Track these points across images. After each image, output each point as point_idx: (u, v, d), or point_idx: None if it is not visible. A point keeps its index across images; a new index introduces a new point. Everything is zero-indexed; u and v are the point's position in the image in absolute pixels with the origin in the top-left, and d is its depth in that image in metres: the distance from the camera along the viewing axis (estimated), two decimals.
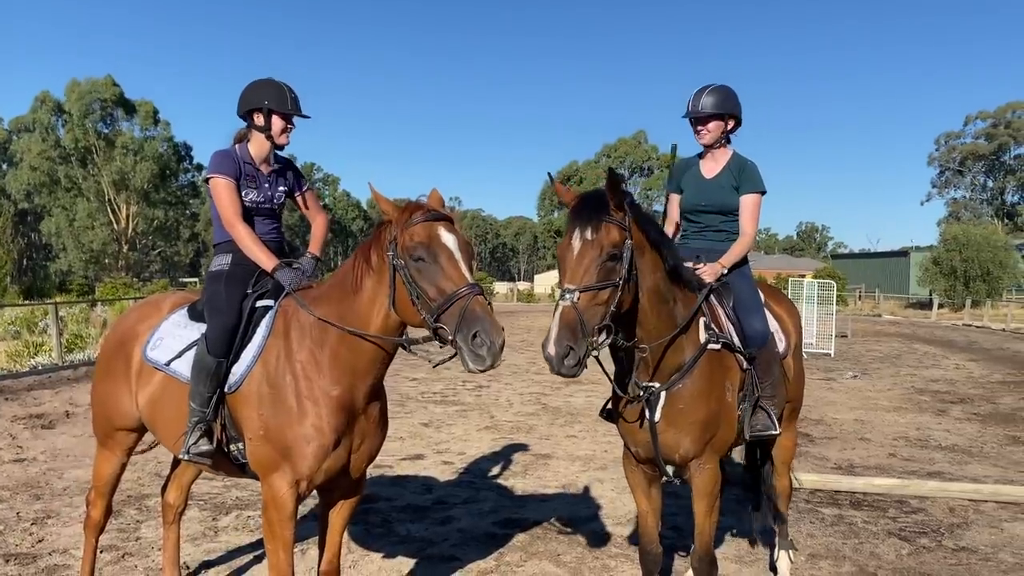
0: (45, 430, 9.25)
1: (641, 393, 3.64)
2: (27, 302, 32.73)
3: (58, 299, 34.35)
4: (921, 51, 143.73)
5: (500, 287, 65.65)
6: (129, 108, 59.62)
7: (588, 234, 3.17)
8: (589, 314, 3.09)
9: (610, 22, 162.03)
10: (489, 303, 3.03)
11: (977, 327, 33.31)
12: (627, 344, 3.53)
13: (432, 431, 9.43)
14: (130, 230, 60.40)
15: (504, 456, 8.12)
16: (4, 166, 64.38)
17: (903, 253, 64.50)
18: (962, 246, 46.24)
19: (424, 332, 3.17)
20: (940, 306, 43.59)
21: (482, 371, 2.94)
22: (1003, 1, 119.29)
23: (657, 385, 3.63)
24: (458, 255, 3.08)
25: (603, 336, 3.17)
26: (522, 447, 8.52)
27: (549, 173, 3.50)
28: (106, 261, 59.83)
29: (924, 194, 79.21)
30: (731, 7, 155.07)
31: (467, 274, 3.05)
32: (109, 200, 59.14)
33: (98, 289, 47.23)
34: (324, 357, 3.35)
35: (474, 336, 2.90)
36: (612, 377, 3.80)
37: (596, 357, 3.41)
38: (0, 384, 12.86)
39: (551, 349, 3.00)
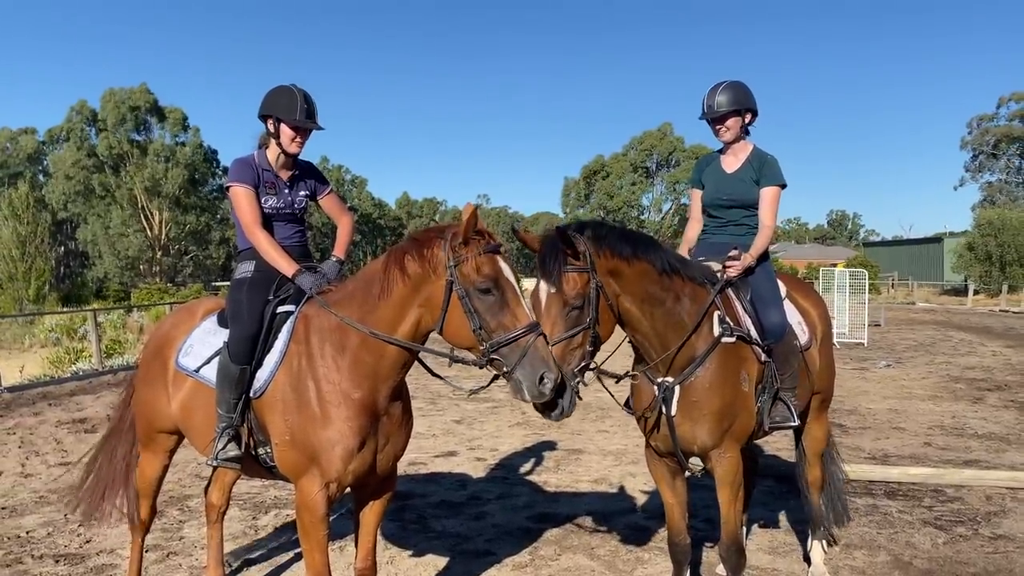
0: (88, 434, 9.49)
1: (656, 389, 3.72)
2: (66, 309, 33.45)
3: (96, 305, 35.06)
4: (952, 34, 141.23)
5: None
6: (161, 115, 60.61)
7: (551, 287, 3.37)
8: (568, 360, 3.31)
9: (635, 14, 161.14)
10: (546, 340, 3.19)
11: (1014, 312, 32.72)
12: (638, 371, 3.83)
13: (464, 428, 9.52)
14: (163, 236, 61.38)
15: (536, 452, 8.19)
16: (41, 176, 65.69)
17: (937, 239, 63.41)
18: (998, 230, 45.34)
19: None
20: (975, 292, 42.86)
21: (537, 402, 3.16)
22: None
23: (671, 380, 3.71)
24: (519, 290, 3.20)
25: (586, 370, 3.41)
26: (554, 443, 8.58)
27: (513, 226, 3.68)
28: (141, 267, 60.86)
29: (957, 179, 77.33)
30: None
31: (530, 313, 3.18)
32: (142, 207, 60.13)
33: (133, 295, 48.07)
34: (345, 361, 3.41)
35: (541, 379, 3.05)
36: (618, 396, 4.07)
37: (596, 375, 3.62)
38: (44, 390, 13.21)
39: (537, 404, 3.20)
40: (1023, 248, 44.54)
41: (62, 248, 65.76)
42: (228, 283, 3.98)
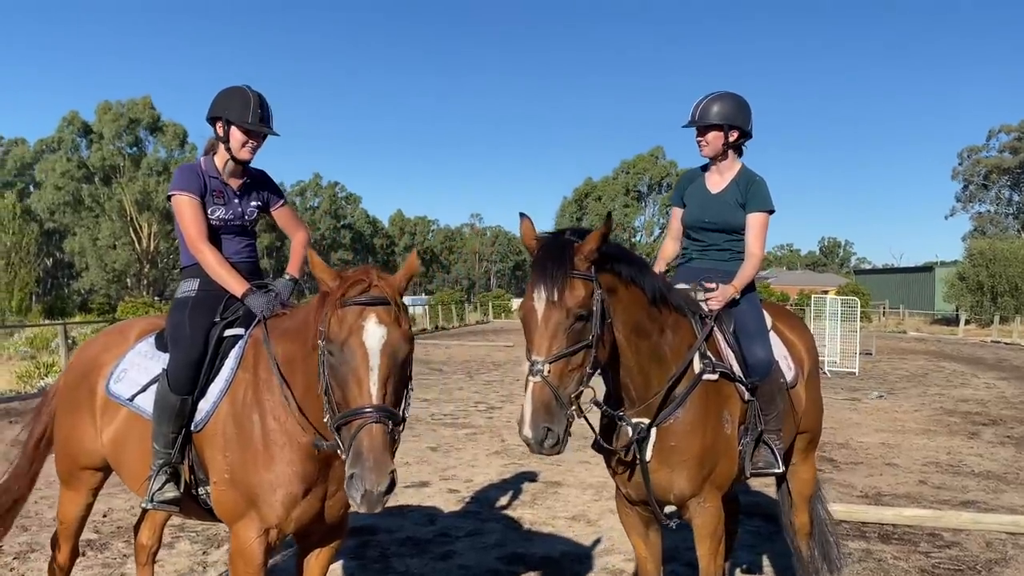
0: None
1: (629, 431, 3.32)
2: (37, 323, 32.91)
3: (78, 318, 34.55)
4: (943, 65, 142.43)
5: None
6: (159, 130, 60.37)
7: (552, 295, 2.82)
8: (564, 383, 2.81)
9: (628, 36, 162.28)
10: (394, 436, 2.57)
11: (1006, 344, 32.49)
12: (613, 413, 3.36)
13: (440, 456, 9.12)
14: (152, 249, 60.87)
15: (513, 484, 7.79)
16: (31, 187, 65.27)
17: (928, 268, 63.51)
18: (989, 261, 45.40)
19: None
20: (967, 322, 42.70)
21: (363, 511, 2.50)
22: (1022, 14, 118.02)
23: (647, 421, 3.31)
24: (375, 361, 2.56)
25: (582, 398, 2.92)
26: (532, 473, 8.18)
27: (521, 212, 3.19)
28: (128, 280, 60.30)
29: (948, 209, 77.81)
30: (750, 22, 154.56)
31: (374, 390, 2.54)
32: (132, 219, 59.67)
33: (119, 308, 47.44)
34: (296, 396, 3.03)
35: (350, 477, 2.47)
36: (596, 429, 3.57)
37: (594, 406, 3.20)
38: (7, 406, 12.75)
39: (527, 432, 2.73)
40: (1014, 279, 44.55)
41: (49, 259, 65.23)
42: None
